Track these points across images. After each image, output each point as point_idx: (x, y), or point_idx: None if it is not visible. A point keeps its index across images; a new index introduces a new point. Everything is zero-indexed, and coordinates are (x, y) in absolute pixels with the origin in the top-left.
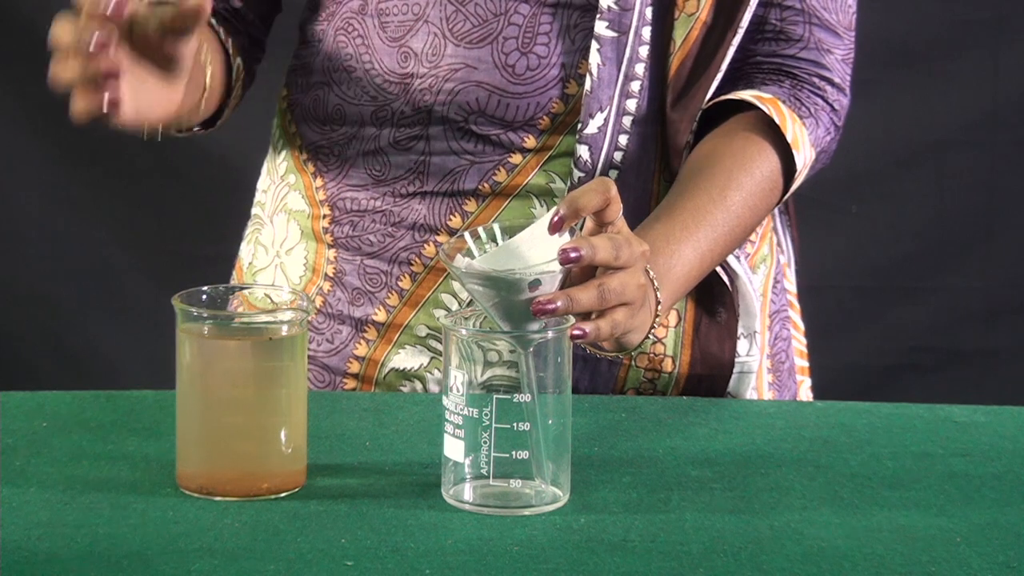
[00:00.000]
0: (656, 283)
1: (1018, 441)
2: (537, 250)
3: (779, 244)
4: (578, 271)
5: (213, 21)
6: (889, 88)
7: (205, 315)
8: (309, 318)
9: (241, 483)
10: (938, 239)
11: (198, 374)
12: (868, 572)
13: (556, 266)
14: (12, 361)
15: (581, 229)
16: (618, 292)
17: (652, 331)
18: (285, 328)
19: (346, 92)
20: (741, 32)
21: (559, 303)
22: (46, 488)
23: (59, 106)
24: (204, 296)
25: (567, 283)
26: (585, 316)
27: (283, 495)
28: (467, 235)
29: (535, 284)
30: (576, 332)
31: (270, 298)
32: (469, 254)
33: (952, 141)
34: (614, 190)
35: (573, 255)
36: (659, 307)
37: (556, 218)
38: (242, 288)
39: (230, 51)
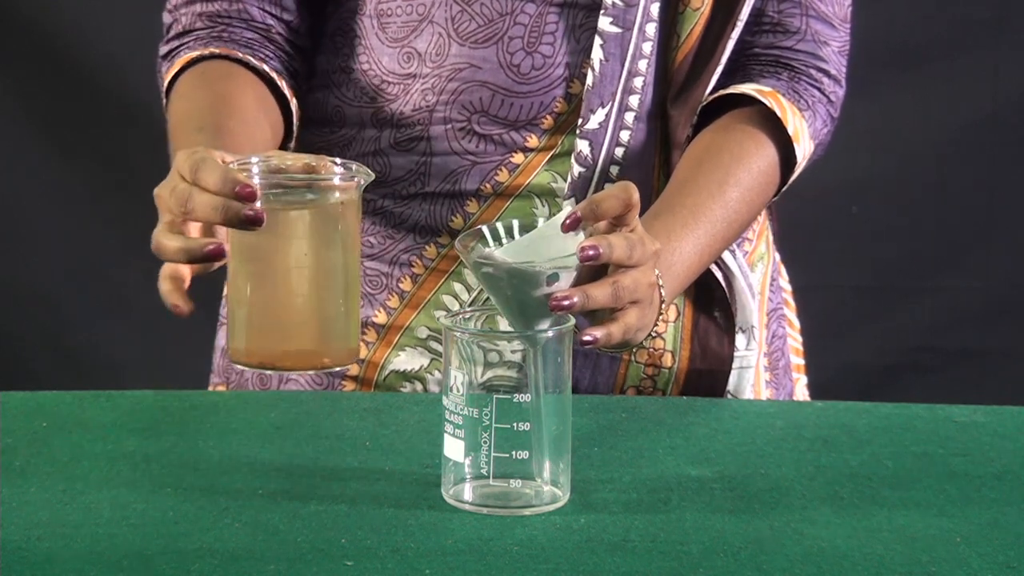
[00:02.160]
0: (661, 280)
1: (1018, 441)
2: (551, 246)
3: (774, 242)
4: (588, 269)
5: (273, 74)
6: (889, 88)
7: (259, 183)
8: (365, 181)
9: (302, 357)
10: (938, 239)
11: (253, 245)
12: (868, 572)
13: (574, 261)
14: (12, 361)
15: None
16: (631, 290)
17: (654, 329)
18: (339, 194)
19: (344, 94)
20: (740, 25)
21: (575, 299)
22: (46, 488)
23: (59, 106)
24: (255, 166)
25: (577, 281)
26: (592, 313)
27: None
28: (484, 228)
29: (553, 279)
30: (586, 338)
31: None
32: (483, 245)
33: (952, 141)
34: (636, 196)
35: (591, 252)
36: (662, 306)
37: (570, 219)
38: (285, 162)
39: (289, 97)
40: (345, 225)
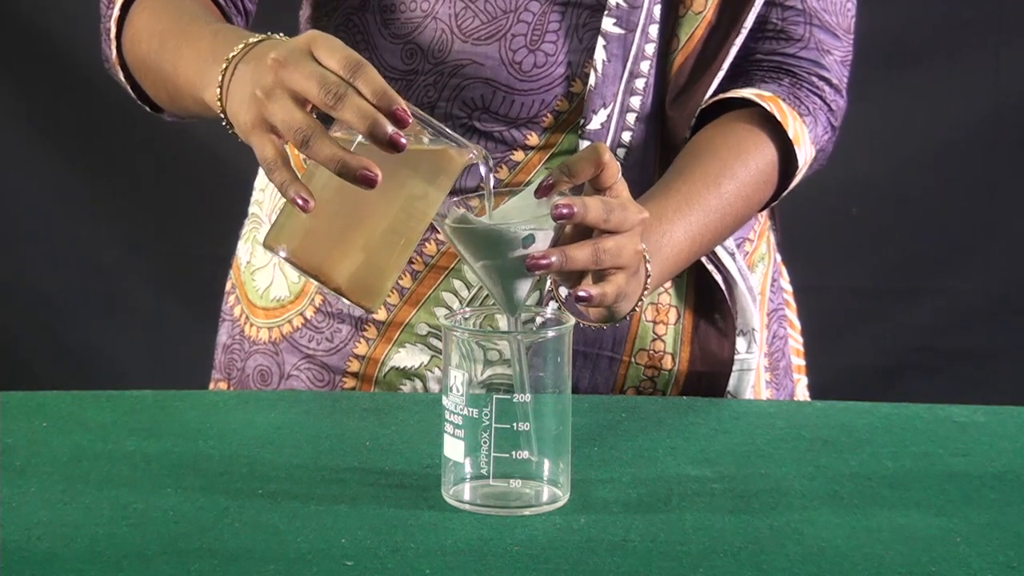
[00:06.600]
0: (647, 256)
1: (1018, 441)
2: (527, 214)
3: (776, 243)
4: (571, 234)
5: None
6: (889, 88)
7: None
8: (475, 158)
9: (344, 288)
10: (938, 239)
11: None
12: (868, 572)
13: (549, 222)
14: (12, 361)
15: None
16: (613, 253)
17: (638, 304)
18: (451, 159)
19: None
20: (745, 32)
21: (553, 258)
22: (46, 488)
23: (59, 106)
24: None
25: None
26: (577, 280)
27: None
28: (459, 200)
29: (529, 241)
30: (581, 294)
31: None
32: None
33: (952, 141)
34: (607, 156)
35: (565, 211)
36: (648, 280)
37: (544, 185)
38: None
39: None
40: (438, 190)
